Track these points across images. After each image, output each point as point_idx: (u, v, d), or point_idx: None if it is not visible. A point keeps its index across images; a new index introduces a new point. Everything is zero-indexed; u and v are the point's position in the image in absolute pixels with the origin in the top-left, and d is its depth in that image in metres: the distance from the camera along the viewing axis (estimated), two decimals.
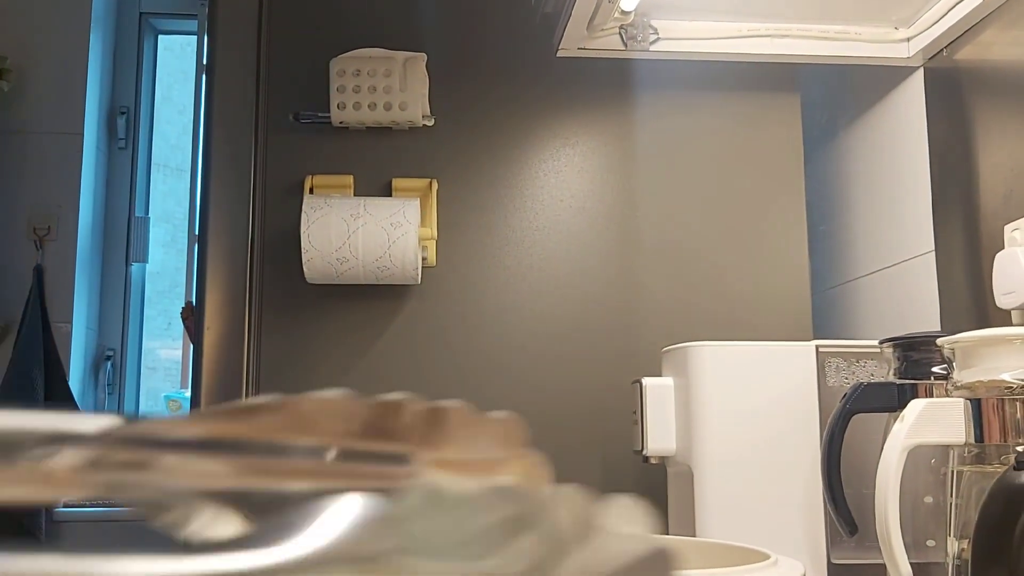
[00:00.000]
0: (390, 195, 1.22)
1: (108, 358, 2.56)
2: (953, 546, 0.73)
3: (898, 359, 0.90)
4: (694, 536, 0.96)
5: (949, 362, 0.80)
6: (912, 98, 1.24)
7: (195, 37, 2.58)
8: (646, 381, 1.03)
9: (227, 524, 0.26)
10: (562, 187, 1.26)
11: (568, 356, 1.22)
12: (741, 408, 0.97)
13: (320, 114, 1.23)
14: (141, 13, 2.59)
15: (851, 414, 0.88)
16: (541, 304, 1.23)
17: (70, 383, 2.30)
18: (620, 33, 1.19)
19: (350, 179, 1.23)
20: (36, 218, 2.35)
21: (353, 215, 1.14)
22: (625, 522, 0.34)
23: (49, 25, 2.34)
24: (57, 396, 2.24)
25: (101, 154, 2.54)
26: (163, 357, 2.77)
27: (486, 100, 1.27)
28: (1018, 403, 0.70)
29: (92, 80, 2.40)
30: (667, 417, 1.01)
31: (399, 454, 0.27)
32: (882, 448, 0.74)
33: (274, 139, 1.24)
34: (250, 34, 1.24)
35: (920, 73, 1.22)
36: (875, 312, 1.32)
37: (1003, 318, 0.97)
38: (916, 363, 0.88)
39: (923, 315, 1.18)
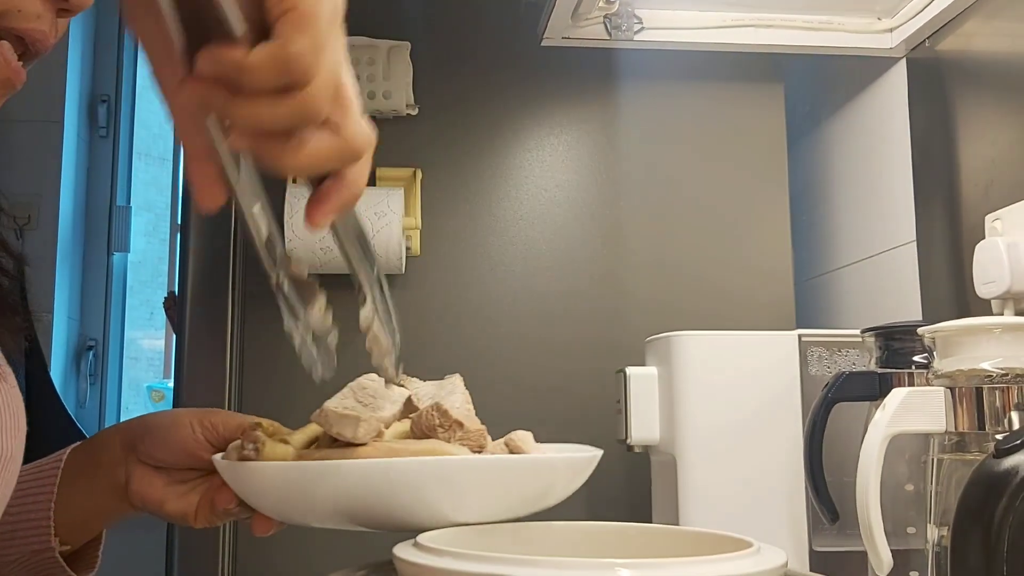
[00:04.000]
0: (374, 184, 1.22)
1: (90, 348, 2.54)
2: (933, 533, 0.74)
3: (880, 348, 0.91)
4: (677, 524, 0.97)
5: (930, 351, 0.81)
6: (894, 89, 1.24)
7: None
8: (630, 370, 1.03)
9: None
10: (546, 176, 1.26)
11: (552, 345, 1.22)
12: (724, 397, 0.98)
13: None
14: None
15: (833, 403, 0.88)
16: (525, 294, 1.23)
17: (51, 373, 2.28)
18: (604, 22, 1.19)
19: None
20: (16, 207, 2.33)
21: None
22: None
23: None
24: (38, 386, 2.22)
25: (82, 142, 2.52)
26: (146, 347, 2.75)
27: (470, 89, 1.26)
28: (997, 392, 0.70)
29: (72, 68, 2.38)
30: (651, 406, 1.02)
31: None
32: (863, 436, 0.75)
33: None
34: None
35: (903, 64, 1.23)
36: (857, 301, 1.33)
37: (983, 307, 0.98)
38: (897, 352, 0.89)
39: (904, 304, 1.19)
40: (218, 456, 0.58)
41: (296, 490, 0.53)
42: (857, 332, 0.95)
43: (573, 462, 0.59)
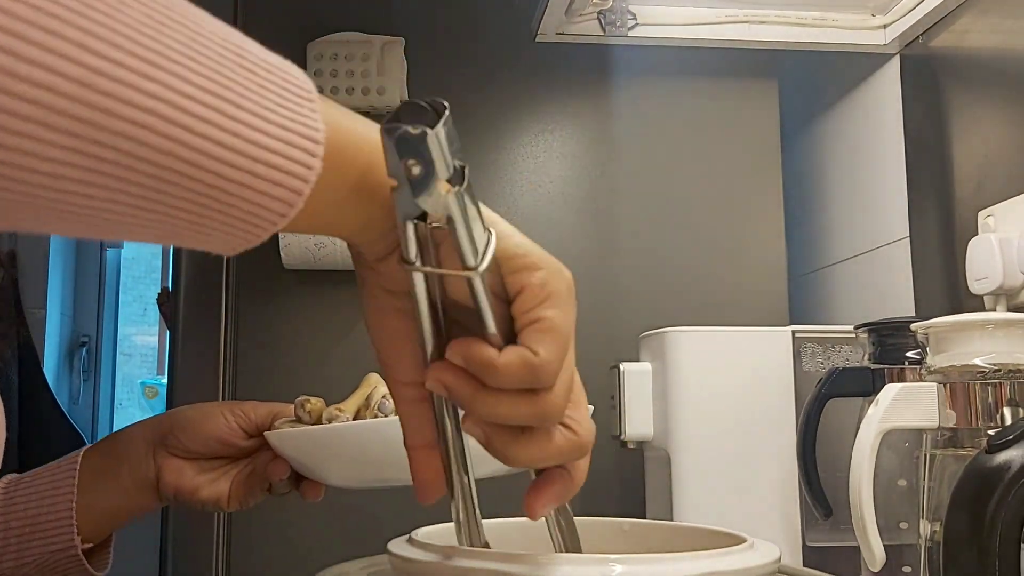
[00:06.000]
0: None
1: (83, 344, 2.54)
2: (925, 528, 0.74)
3: (873, 344, 0.91)
4: (671, 520, 0.97)
5: (923, 347, 0.81)
6: (888, 85, 1.24)
7: None
8: (624, 366, 1.03)
9: None
10: (540, 172, 1.26)
11: None
12: (718, 393, 0.98)
13: None
14: None
15: (826, 398, 0.89)
16: None
17: (44, 369, 2.28)
18: (599, 18, 1.19)
19: None
20: None
21: None
22: None
23: None
24: (31, 382, 2.22)
25: None
26: (139, 343, 2.75)
27: (465, 85, 1.26)
28: (990, 387, 0.71)
29: None
30: (645, 402, 1.02)
31: None
32: (856, 432, 0.75)
33: None
34: (226, 17, 1.23)
35: (896, 60, 1.23)
36: (850, 298, 1.33)
37: (976, 303, 0.98)
38: (891, 348, 0.89)
39: (898, 301, 1.19)
40: (272, 432, 0.64)
41: (366, 446, 0.56)
42: (850, 328, 0.96)
43: None
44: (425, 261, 0.42)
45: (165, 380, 2.20)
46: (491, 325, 0.42)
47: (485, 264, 0.41)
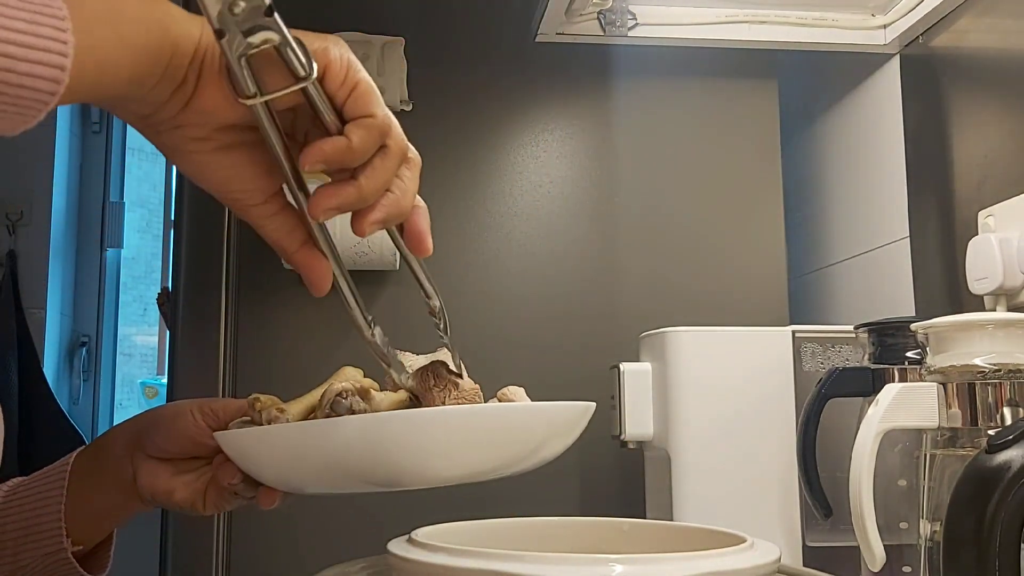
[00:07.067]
0: None
1: (83, 344, 2.54)
2: (925, 528, 0.74)
3: (873, 344, 0.91)
4: (671, 520, 0.97)
5: (923, 347, 0.81)
6: (888, 85, 1.24)
7: None
8: (624, 366, 1.03)
9: None
10: (540, 172, 1.26)
11: (546, 341, 1.22)
12: (718, 393, 0.98)
13: None
14: None
15: (826, 398, 0.89)
16: (519, 290, 1.23)
17: (44, 369, 2.28)
18: (599, 18, 1.19)
19: None
20: (8, 203, 2.33)
21: None
22: None
23: None
24: (31, 383, 2.22)
25: (75, 138, 2.51)
26: (139, 343, 2.75)
27: (464, 85, 1.26)
28: (990, 387, 0.71)
29: None
30: (645, 402, 1.02)
31: None
32: (856, 432, 0.75)
33: None
34: None
35: (896, 60, 1.23)
36: (851, 297, 1.33)
37: (976, 303, 0.98)
38: (891, 348, 0.89)
39: (898, 300, 1.19)
40: (217, 432, 0.60)
41: (298, 450, 0.54)
42: (851, 328, 0.96)
43: (560, 410, 0.59)
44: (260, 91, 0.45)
45: (165, 380, 2.19)
46: (331, 119, 0.47)
47: (315, 69, 0.46)
